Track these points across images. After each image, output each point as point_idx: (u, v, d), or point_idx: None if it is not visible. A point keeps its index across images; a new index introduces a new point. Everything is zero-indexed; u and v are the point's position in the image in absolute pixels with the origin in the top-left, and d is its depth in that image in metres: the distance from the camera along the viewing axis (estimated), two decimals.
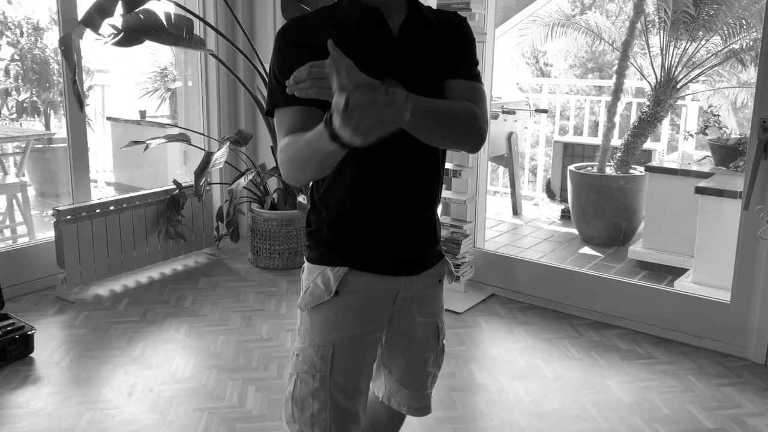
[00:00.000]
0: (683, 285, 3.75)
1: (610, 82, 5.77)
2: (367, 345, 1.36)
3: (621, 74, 5.21)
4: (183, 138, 3.98)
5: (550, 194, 6.21)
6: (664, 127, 5.88)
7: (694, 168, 4.50)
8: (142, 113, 6.05)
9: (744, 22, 4.98)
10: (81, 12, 3.29)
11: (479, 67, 1.39)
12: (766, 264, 2.81)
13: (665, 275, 4.17)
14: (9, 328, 2.77)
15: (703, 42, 5.00)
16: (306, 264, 1.38)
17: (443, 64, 1.29)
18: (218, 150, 3.73)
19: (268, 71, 1.30)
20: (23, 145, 4.92)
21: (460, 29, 1.36)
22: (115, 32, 3.38)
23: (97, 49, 4.32)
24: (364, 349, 1.35)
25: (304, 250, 1.40)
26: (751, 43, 4.93)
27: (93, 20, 3.20)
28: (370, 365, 1.39)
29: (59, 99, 6.00)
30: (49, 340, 2.96)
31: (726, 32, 5.03)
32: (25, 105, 6.35)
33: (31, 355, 2.81)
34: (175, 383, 2.61)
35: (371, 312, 1.34)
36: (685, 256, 4.17)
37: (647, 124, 5.10)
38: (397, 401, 1.52)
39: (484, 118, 1.27)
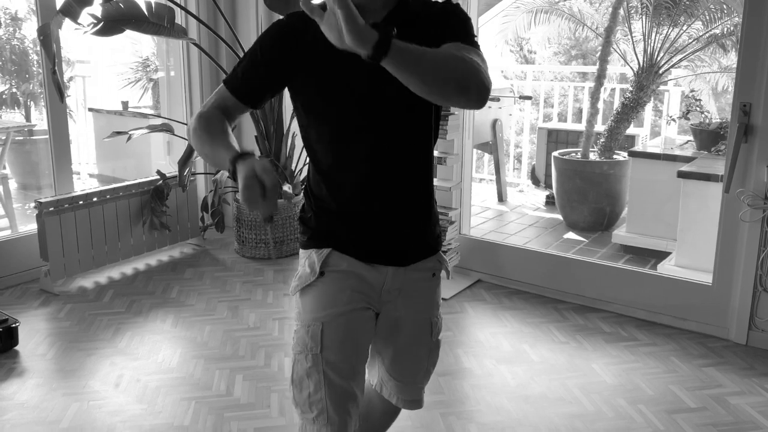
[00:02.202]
0: (666, 268, 3.79)
1: (593, 68, 5.80)
2: (357, 323, 1.35)
3: (604, 60, 5.23)
4: (166, 128, 3.95)
5: (535, 180, 6.24)
6: (647, 112, 5.92)
7: (677, 152, 4.53)
8: (125, 104, 5.99)
9: (725, 7, 5.01)
10: (59, 1, 3.25)
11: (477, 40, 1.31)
12: (747, 246, 2.85)
13: (648, 259, 4.22)
14: None
15: (684, 27, 5.03)
16: (300, 251, 1.42)
17: None
18: None
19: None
20: (3, 138, 4.86)
21: (451, 16, 1.31)
22: (95, 21, 3.34)
23: (77, 39, 4.27)
24: (353, 327, 1.34)
25: (299, 237, 1.44)
26: (732, 28, 4.97)
27: (72, 9, 3.16)
28: (364, 346, 1.39)
29: (39, 90, 5.91)
30: (34, 333, 2.94)
31: (707, 17, 5.07)
32: (4, 97, 6.26)
33: (16, 347, 2.79)
34: (162, 373, 2.61)
35: (358, 291, 1.35)
36: (667, 240, 4.22)
37: (630, 110, 5.13)
38: (387, 391, 1.53)
39: (484, 67, 1.18)
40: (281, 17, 1.34)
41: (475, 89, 1.15)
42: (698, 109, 4.80)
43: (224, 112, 1.33)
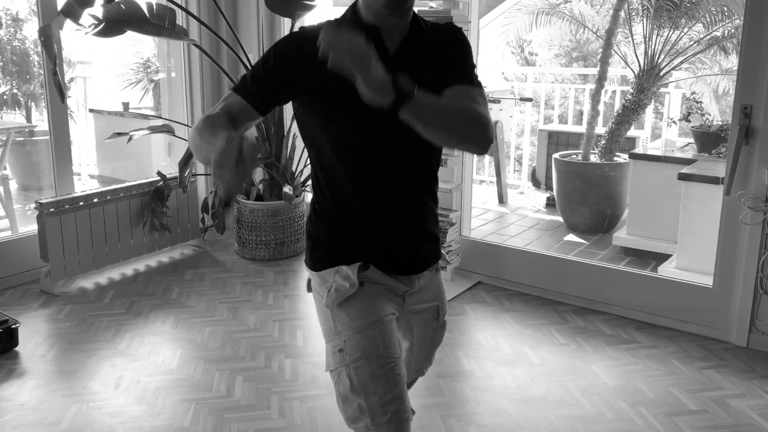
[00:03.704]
0: (667, 270, 3.79)
1: (594, 71, 5.80)
2: (393, 321, 1.43)
3: (605, 62, 5.23)
4: (167, 129, 3.95)
5: (536, 182, 6.24)
6: (648, 114, 5.92)
7: (678, 155, 4.53)
8: (125, 105, 5.99)
9: (726, 9, 5.01)
10: (60, 2, 3.25)
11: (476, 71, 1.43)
12: (748, 248, 2.84)
13: (649, 261, 4.21)
14: None
15: (685, 29, 5.03)
16: (314, 274, 1.46)
17: (440, 82, 1.33)
18: None
19: (254, 63, 1.37)
20: (4, 138, 4.86)
21: (456, 43, 1.40)
22: (96, 22, 3.35)
23: (78, 40, 4.27)
24: (393, 325, 1.41)
25: (308, 262, 1.47)
26: (733, 30, 4.97)
27: (73, 10, 3.16)
28: (396, 333, 1.46)
29: (40, 91, 5.92)
30: (34, 334, 2.94)
31: (708, 20, 5.06)
32: (5, 98, 6.26)
33: (16, 348, 2.79)
34: (162, 374, 2.61)
35: (390, 300, 1.43)
36: (668, 242, 4.21)
37: (631, 112, 5.12)
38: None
39: (489, 118, 1.31)
40: (295, 30, 1.39)
41: (482, 143, 1.29)
42: (699, 111, 4.80)
43: (232, 117, 1.32)
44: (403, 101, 1.16)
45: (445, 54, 1.36)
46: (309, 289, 1.52)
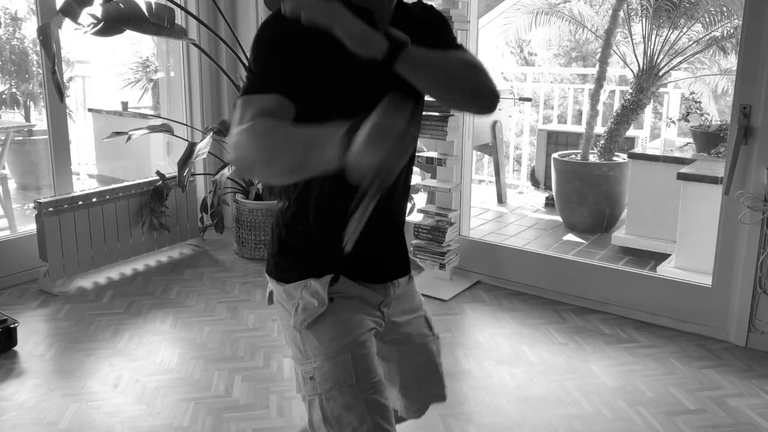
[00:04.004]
0: (666, 270, 3.79)
1: (593, 71, 5.80)
2: (371, 338, 1.32)
3: (604, 62, 5.24)
4: (166, 129, 3.95)
5: (535, 182, 6.25)
6: (647, 114, 5.93)
7: (677, 154, 4.54)
8: (124, 104, 5.99)
9: (725, 9, 5.02)
10: (59, 1, 3.24)
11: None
12: (747, 248, 2.85)
13: (648, 261, 4.22)
14: None
15: (684, 30, 5.03)
16: (281, 287, 1.32)
17: None
18: (201, 140, 3.71)
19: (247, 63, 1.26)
20: (3, 138, 4.86)
21: (441, 22, 1.35)
22: (95, 22, 3.34)
23: (77, 39, 4.26)
24: (370, 343, 1.30)
25: (272, 272, 1.33)
26: (732, 30, 4.97)
27: (72, 9, 3.16)
28: (376, 354, 1.34)
29: (39, 90, 5.91)
30: (33, 333, 2.94)
31: (707, 20, 5.07)
32: (3, 97, 6.26)
33: (15, 348, 2.79)
34: (161, 374, 2.61)
35: (366, 313, 1.32)
36: (667, 242, 4.22)
37: (630, 112, 5.13)
38: (410, 408, 1.51)
39: (489, 71, 1.23)
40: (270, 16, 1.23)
41: (487, 93, 1.21)
42: (698, 111, 4.80)
43: (272, 116, 1.14)
44: (397, 52, 1.09)
45: (434, 33, 1.30)
46: (270, 301, 1.39)
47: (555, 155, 5.26)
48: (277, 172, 1.07)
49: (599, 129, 5.44)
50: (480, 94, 1.21)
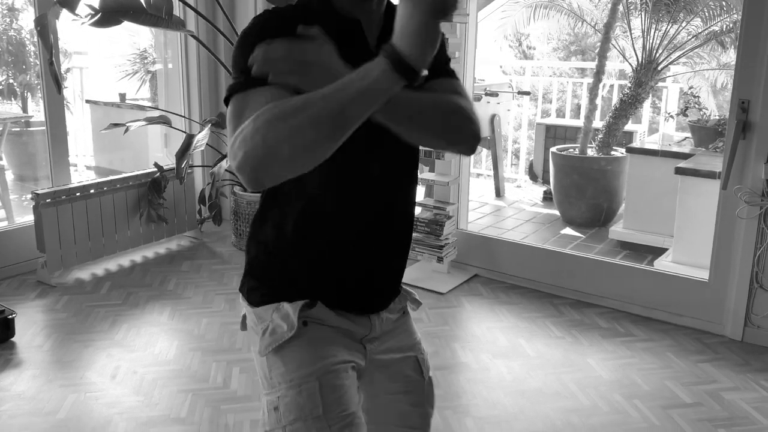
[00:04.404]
0: (663, 264, 3.80)
1: (592, 65, 5.80)
2: (348, 371, 1.17)
3: (603, 56, 5.23)
4: (163, 120, 3.94)
5: (533, 176, 6.25)
6: (645, 108, 5.93)
7: (675, 149, 4.54)
8: (122, 96, 5.96)
9: (724, 4, 5.01)
10: None
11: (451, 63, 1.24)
12: (744, 242, 2.85)
13: (645, 255, 4.22)
14: None
15: (683, 24, 5.03)
16: (251, 310, 1.19)
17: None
18: (199, 132, 3.70)
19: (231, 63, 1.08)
20: (0, 129, 4.84)
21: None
22: (93, 12, 3.33)
23: (74, 30, 4.25)
24: (345, 375, 1.16)
25: (244, 293, 1.21)
26: (731, 25, 4.97)
27: (69, 0, 3.14)
28: (356, 389, 1.20)
29: (36, 81, 5.89)
30: (31, 324, 2.94)
31: (706, 14, 5.07)
32: (0, 88, 6.23)
33: (12, 339, 2.79)
34: (159, 365, 2.61)
35: (343, 346, 1.18)
36: (664, 236, 4.22)
37: (628, 106, 5.13)
38: None
39: (474, 113, 1.09)
40: (261, 14, 1.09)
41: (468, 140, 1.08)
42: (696, 105, 4.80)
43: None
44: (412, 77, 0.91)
45: None
46: (243, 326, 1.25)
47: (553, 149, 5.26)
48: (309, 144, 0.86)
49: (598, 123, 5.44)
50: (456, 142, 1.09)
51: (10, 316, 2.78)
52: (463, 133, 1.07)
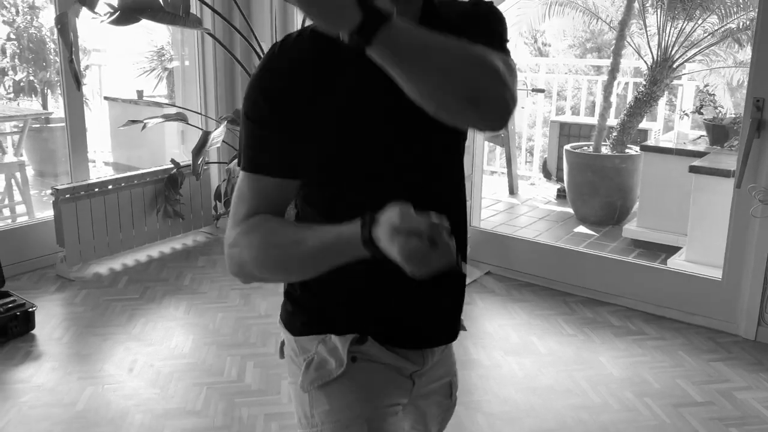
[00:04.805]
0: (676, 263, 3.79)
1: (607, 62, 5.77)
2: (397, 413, 1.09)
3: (618, 54, 5.21)
4: (180, 117, 3.98)
5: (547, 174, 6.24)
6: (660, 106, 5.89)
7: (689, 147, 4.52)
8: (140, 93, 6.03)
9: (741, 1, 4.97)
10: None
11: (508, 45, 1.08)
12: (757, 242, 2.85)
13: (659, 253, 4.21)
14: (10, 306, 2.81)
15: (699, 21, 4.99)
16: (292, 338, 1.10)
17: None
18: (215, 129, 3.74)
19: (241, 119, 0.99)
20: (21, 125, 4.93)
21: (481, 20, 1.04)
22: (111, 11, 3.37)
23: (93, 28, 4.31)
24: (394, 419, 1.07)
25: (285, 320, 1.12)
26: (748, 22, 4.93)
27: None
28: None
29: (56, 78, 5.98)
30: (50, 318, 3.00)
31: (723, 12, 5.03)
32: (22, 84, 6.33)
33: (32, 331, 2.85)
34: (175, 359, 2.66)
35: (395, 380, 1.08)
36: (678, 235, 4.21)
37: (643, 104, 5.11)
38: None
39: (510, 78, 0.87)
40: (273, 46, 0.96)
41: (492, 103, 0.85)
42: (712, 103, 4.77)
43: (268, 210, 0.97)
44: (375, 26, 0.76)
45: (468, 35, 0.87)
46: (282, 355, 1.16)
47: (567, 147, 5.26)
48: (286, 280, 1.07)
49: (612, 121, 5.42)
50: (480, 103, 0.85)
51: (30, 309, 2.84)
52: (490, 94, 0.84)
